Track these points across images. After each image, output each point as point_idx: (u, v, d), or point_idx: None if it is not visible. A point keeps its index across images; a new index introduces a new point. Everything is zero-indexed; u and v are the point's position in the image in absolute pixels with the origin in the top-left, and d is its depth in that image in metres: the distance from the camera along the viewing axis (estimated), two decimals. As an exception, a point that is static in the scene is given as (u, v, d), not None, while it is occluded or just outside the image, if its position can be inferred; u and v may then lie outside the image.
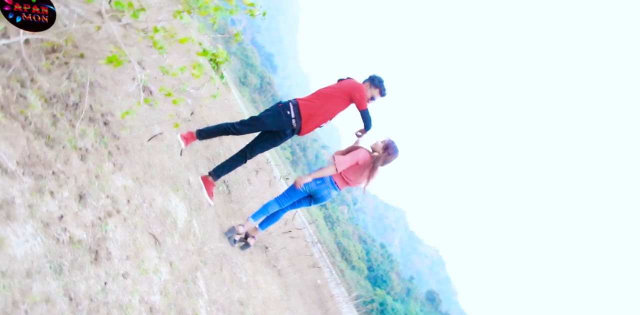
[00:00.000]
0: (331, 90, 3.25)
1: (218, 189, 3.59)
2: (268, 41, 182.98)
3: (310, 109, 3.16)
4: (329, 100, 3.19)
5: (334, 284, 7.63)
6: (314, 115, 3.17)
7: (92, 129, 1.83)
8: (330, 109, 3.22)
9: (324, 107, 3.19)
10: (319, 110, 3.17)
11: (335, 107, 3.24)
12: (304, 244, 6.39)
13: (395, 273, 71.77)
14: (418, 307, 60.66)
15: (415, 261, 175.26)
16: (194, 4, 1.97)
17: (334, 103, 3.21)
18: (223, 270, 2.62)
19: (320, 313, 5.30)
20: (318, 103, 3.18)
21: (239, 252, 3.18)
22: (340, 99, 3.21)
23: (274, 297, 3.47)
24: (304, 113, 3.15)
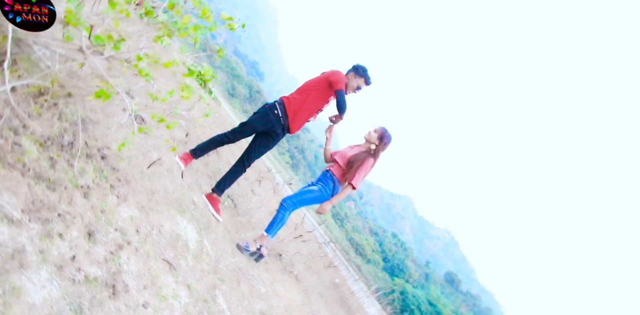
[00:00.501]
0: (311, 83, 3.26)
1: (224, 204, 3.59)
2: (250, 50, 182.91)
3: (294, 106, 3.18)
4: (311, 94, 3.20)
5: (352, 280, 7.63)
6: (299, 111, 3.19)
7: (91, 165, 1.83)
8: (314, 102, 3.22)
9: (307, 100, 3.20)
10: (302, 104, 3.19)
11: (319, 100, 3.23)
12: (316, 246, 6.39)
13: (410, 260, 71.83)
14: (439, 290, 60.68)
15: (429, 245, 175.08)
16: (172, 27, 1.97)
17: (316, 95, 3.21)
18: (241, 284, 2.62)
19: (343, 311, 5.30)
20: (300, 98, 3.20)
21: (254, 264, 3.18)
22: (321, 89, 3.21)
23: (295, 303, 3.47)
24: (290, 110, 3.17)
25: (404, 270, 65.03)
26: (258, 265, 3.28)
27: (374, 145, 3.31)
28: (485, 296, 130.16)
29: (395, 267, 65.12)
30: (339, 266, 7.20)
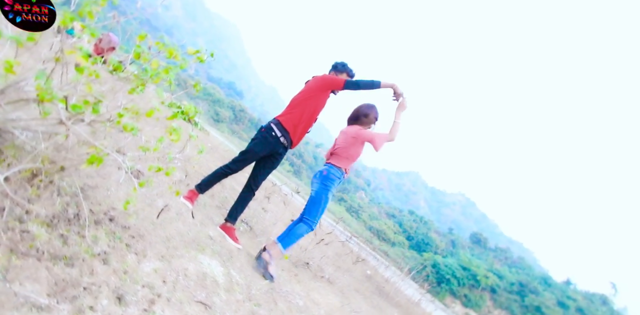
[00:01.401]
0: (302, 95, 3.19)
1: (239, 230, 3.59)
2: (223, 71, 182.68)
3: (292, 121, 3.11)
4: (306, 104, 3.14)
5: (383, 268, 7.63)
6: (299, 124, 3.12)
7: (102, 230, 1.83)
8: (311, 112, 3.16)
9: (305, 112, 3.13)
10: (301, 117, 3.12)
11: (316, 108, 3.17)
12: (340, 245, 6.39)
13: (433, 232, 71.82)
14: (468, 253, 60.66)
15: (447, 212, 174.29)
16: (144, 76, 1.96)
17: (311, 104, 3.14)
18: (278, 303, 2.62)
19: (382, 300, 5.30)
20: (296, 111, 3.13)
21: (286, 279, 3.18)
22: (314, 97, 3.15)
23: (335, 306, 3.47)
24: (289, 126, 3.10)
25: (430, 243, 65.06)
26: (290, 280, 3.28)
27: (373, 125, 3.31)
28: (514, 246, 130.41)
29: (421, 242, 65.15)
30: (366, 258, 7.20)
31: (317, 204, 3.16)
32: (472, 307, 49.23)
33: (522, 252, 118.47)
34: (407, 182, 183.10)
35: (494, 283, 51.45)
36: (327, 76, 3.18)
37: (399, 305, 5.69)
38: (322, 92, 3.14)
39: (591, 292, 58.26)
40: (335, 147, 3.29)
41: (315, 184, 3.23)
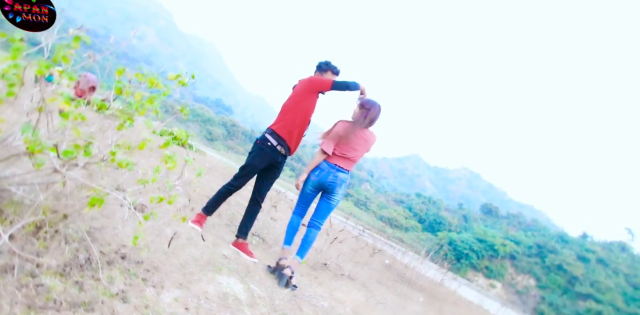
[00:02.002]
0: (291, 100, 3.14)
1: (252, 243, 3.58)
2: (208, 90, 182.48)
3: (286, 128, 3.07)
4: (296, 110, 3.09)
5: (400, 254, 7.63)
6: (292, 131, 3.08)
7: (116, 270, 1.82)
8: (303, 115, 3.11)
9: (297, 116, 3.08)
10: (293, 122, 3.07)
11: (307, 111, 3.12)
12: (354, 240, 6.39)
13: (444, 210, 71.87)
14: (481, 225, 60.81)
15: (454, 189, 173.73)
16: (130, 110, 1.94)
17: (302, 107, 3.09)
18: (303, 309, 2.62)
19: (405, 287, 5.30)
20: (288, 118, 3.08)
21: (307, 284, 3.18)
22: (303, 100, 3.10)
23: (360, 301, 3.47)
24: (283, 134, 3.06)
25: (442, 222, 65.13)
26: (310, 283, 3.28)
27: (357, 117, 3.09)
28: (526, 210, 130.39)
29: (433, 223, 65.21)
30: (382, 248, 7.21)
31: (331, 211, 3.15)
32: (494, 277, 49.36)
33: (534, 214, 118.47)
34: (409, 166, 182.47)
35: (512, 250, 51.59)
36: (313, 78, 3.14)
37: (422, 288, 5.69)
38: (311, 94, 3.10)
39: (609, 241, 58.31)
40: (353, 154, 3.07)
41: (340, 190, 3.08)
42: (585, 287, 46.21)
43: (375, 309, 3.49)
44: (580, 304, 44.15)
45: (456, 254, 49.09)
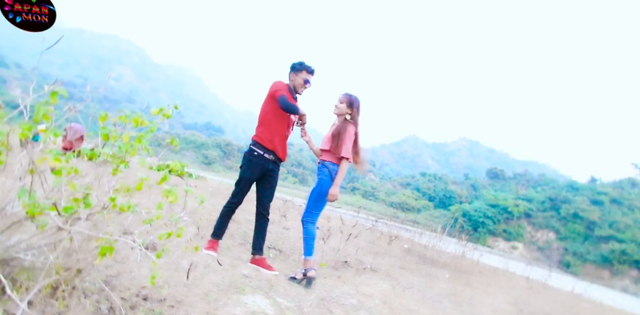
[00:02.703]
0: (263, 108, 3.14)
1: (270, 257, 3.58)
2: (195, 115, 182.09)
3: (265, 136, 3.06)
4: (270, 117, 3.08)
5: (417, 236, 7.63)
6: (273, 138, 3.06)
7: (140, 312, 1.83)
8: (279, 122, 3.09)
9: (272, 124, 3.08)
10: (270, 130, 3.06)
11: (279, 118, 3.09)
12: (369, 232, 6.39)
13: (451, 184, 71.86)
14: (490, 191, 60.82)
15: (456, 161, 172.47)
16: (121, 154, 1.93)
17: (275, 114, 3.08)
18: (333, 310, 2.62)
19: (429, 267, 5.31)
20: (265, 126, 3.09)
21: (332, 285, 3.18)
22: (271, 109, 3.08)
23: (387, 291, 3.48)
24: (265, 142, 3.05)
25: (452, 196, 65.18)
26: (335, 284, 3.28)
27: (348, 115, 3.10)
28: (531, 166, 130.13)
29: (443, 198, 65.25)
30: (399, 234, 7.20)
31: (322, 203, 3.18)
32: (514, 239, 49.45)
33: (540, 169, 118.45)
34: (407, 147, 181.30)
35: (525, 208, 51.67)
36: (273, 86, 3.10)
37: (446, 265, 5.70)
38: (273, 102, 3.06)
39: (618, 180, 58.40)
40: None
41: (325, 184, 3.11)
42: (604, 229, 46.29)
43: (403, 295, 3.50)
44: (603, 247, 44.24)
45: (472, 224, 49.11)
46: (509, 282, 6.22)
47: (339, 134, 3.03)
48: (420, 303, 3.44)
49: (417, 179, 74.89)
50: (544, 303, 5.17)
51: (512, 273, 7.59)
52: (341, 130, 3.03)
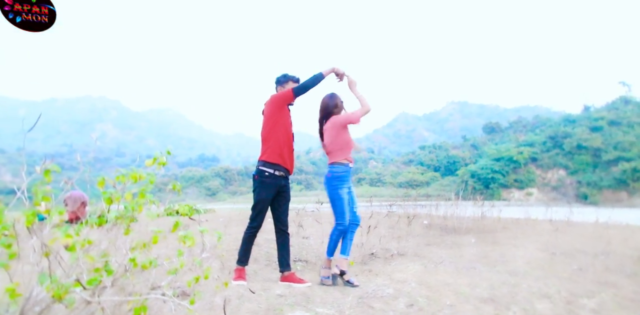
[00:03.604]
0: (266, 125, 3.12)
1: (298, 270, 3.60)
2: (187, 151, 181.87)
3: (274, 152, 3.05)
4: (275, 133, 3.07)
5: (434, 209, 7.65)
6: (282, 153, 3.06)
7: (189, 360, 1.84)
8: (284, 135, 3.09)
9: (279, 139, 3.07)
10: (279, 145, 3.06)
11: (284, 131, 3.10)
12: (387, 219, 6.40)
13: (452, 149, 71.93)
14: (491, 146, 60.89)
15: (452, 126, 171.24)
16: (129, 213, 1.93)
17: (279, 130, 3.08)
18: (373, 305, 2.63)
19: (453, 236, 5.33)
20: (272, 142, 3.07)
21: (364, 281, 3.19)
22: (277, 122, 3.08)
23: (420, 272, 3.49)
24: (275, 159, 3.04)
25: (456, 161, 65.27)
26: (368, 278, 3.30)
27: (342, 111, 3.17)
28: (524, 112, 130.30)
29: (448, 165, 65.34)
30: (415, 212, 7.22)
31: (335, 205, 3.13)
32: (527, 186, 49.56)
33: (533, 112, 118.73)
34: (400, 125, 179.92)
35: (529, 153, 51.78)
36: (274, 96, 3.11)
37: (469, 230, 5.72)
38: (280, 111, 3.08)
39: (610, 102, 58.57)
40: (326, 146, 3.19)
41: (326, 189, 3.19)
42: (610, 153, 46.45)
43: (437, 272, 3.52)
44: (614, 170, 44.39)
45: (482, 182, 49.23)
46: (534, 229, 6.24)
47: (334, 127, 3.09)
48: (455, 274, 3.46)
49: (418, 154, 74.98)
50: (574, 240, 5.20)
51: (535, 219, 7.62)
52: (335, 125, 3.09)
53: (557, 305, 2.81)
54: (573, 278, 3.44)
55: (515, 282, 3.23)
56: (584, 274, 3.59)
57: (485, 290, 3.03)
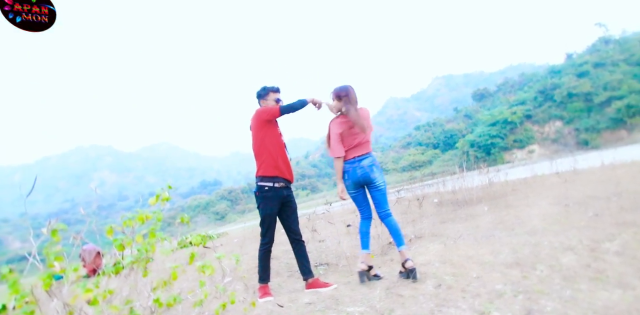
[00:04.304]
0: (255, 142, 3.13)
1: (321, 274, 3.60)
2: (187, 180, 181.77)
3: (270, 165, 3.06)
4: (265, 147, 3.08)
5: (441, 186, 7.66)
6: (277, 165, 3.07)
7: None
8: (276, 149, 3.10)
9: (271, 152, 3.07)
10: (273, 158, 3.07)
11: (275, 143, 3.10)
12: (397, 206, 6.40)
13: (446, 123, 72.04)
14: (484, 112, 61.01)
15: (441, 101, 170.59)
16: (143, 255, 1.93)
17: (268, 144, 3.08)
18: (402, 293, 2.62)
19: (466, 208, 5.33)
20: (265, 157, 3.07)
21: (388, 271, 3.19)
22: (265, 137, 3.08)
23: (440, 251, 3.48)
24: (272, 172, 3.05)
25: (452, 134, 65.37)
26: (391, 268, 3.31)
27: (344, 108, 2.98)
28: (509, 72, 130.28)
29: (446, 140, 65.39)
30: (424, 193, 7.22)
31: (386, 195, 3.07)
32: (527, 144, 49.67)
33: (518, 69, 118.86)
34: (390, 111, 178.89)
35: (523, 112, 51.92)
36: (259, 111, 3.11)
37: (480, 199, 5.73)
38: (266, 125, 3.08)
39: (591, 45, 58.86)
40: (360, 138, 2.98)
41: (376, 174, 2.99)
42: (601, 95, 46.59)
43: (457, 247, 3.52)
44: (608, 111, 44.50)
45: (483, 149, 49.32)
46: (543, 185, 6.25)
47: (328, 135, 3.02)
48: (476, 246, 3.47)
49: (414, 135, 75.09)
50: (584, 188, 5.21)
51: (542, 175, 7.63)
52: (329, 129, 3.01)
53: (581, 256, 2.82)
54: (591, 225, 3.45)
55: (536, 241, 3.23)
56: (600, 219, 3.60)
57: (508, 255, 3.03)
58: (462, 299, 2.39)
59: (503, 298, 2.33)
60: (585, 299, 2.18)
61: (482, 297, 2.38)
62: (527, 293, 2.35)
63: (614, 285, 2.33)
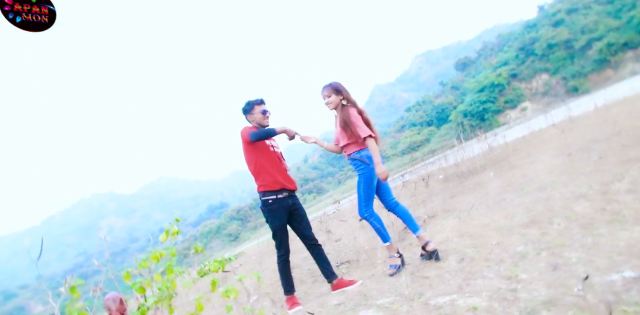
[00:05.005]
0: (248, 161, 3.16)
1: (344, 273, 3.59)
2: (194, 208, 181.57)
3: (268, 180, 3.09)
4: (260, 163, 3.11)
5: (443, 162, 7.67)
6: (276, 179, 3.10)
7: None
8: (269, 160, 3.13)
9: (267, 168, 3.10)
10: (269, 173, 3.10)
11: (268, 158, 3.14)
12: (404, 191, 6.40)
13: (435, 98, 72.35)
14: (471, 81, 61.09)
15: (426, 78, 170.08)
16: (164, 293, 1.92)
17: (261, 159, 3.11)
18: (427, 274, 2.63)
19: (473, 180, 5.33)
20: (262, 175, 3.10)
21: (410, 257, 3.19)
22: (254, 155, 3.12)
23: (456, 225, 3.48)
24: (273, 186, 3.08)
25: (444, 108, 65.49)
26: (413, 252, 3.31)
27: (344, 100, 3.04)
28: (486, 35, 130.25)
29: (439, 115, 65.51)
30: (427, 172, 7.23)
31: None
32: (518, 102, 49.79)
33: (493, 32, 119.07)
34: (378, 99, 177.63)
35: (507, 73, 52.07)
36: (241, 132, 3.14)
37: (485, 166, 5.74)
38: (252, 144, 3.11)
39: None
40: None
41: None
42: (580, 40, 46.73)
43: (472, 218, 3.52)
44: (590, 53, 44.62)
45: (477, 117, 49.49)
46: (542, 139, 6.26)
47: (346, 121, 3.00)
48: (490, 213, 3.47)
49: (406, 117, 75.23)
50: (583, 134, 5.22)
51: (539, 130, 7.65)
52: (345, 118, 3.00)
53: (594, 201, 2.83)
54: (598, 169, 3.46)
55: (547, 196, 3.24)
56: (605, 161, 3.60)
57: (523, 215, 3.04)
58: (487, 268, 2.39)
59: (527, 258, 2.33)
60: (607, 243, 2.19)
61: (506, 262, 2.39)
62: (549, 249, 2.35)
63: (632, 223, 2.34)
